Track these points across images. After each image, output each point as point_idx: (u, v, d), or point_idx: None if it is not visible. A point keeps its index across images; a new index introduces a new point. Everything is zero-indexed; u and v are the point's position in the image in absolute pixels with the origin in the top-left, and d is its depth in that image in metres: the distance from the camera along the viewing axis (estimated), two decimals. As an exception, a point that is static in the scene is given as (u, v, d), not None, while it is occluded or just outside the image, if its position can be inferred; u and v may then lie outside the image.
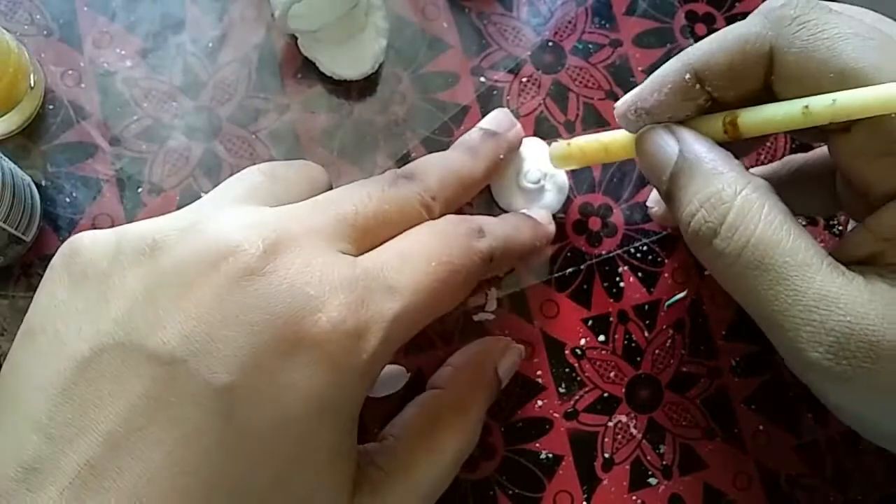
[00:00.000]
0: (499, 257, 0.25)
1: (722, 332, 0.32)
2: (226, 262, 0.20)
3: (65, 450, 0.19)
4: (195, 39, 0.32)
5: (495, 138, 0.29)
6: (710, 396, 0.32)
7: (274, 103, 0.32)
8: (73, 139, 0.31)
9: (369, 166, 0.32)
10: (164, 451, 0.18)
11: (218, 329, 0.19)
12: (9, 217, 0.27)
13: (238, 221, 0.21)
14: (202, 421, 0.19)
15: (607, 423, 0.31)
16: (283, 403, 0.19)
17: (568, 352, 0.31)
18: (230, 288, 0.19)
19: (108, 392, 0.19)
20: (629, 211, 0.33)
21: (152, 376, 0.19)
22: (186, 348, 0.19)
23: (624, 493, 0.30)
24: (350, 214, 0.22)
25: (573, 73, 0.34)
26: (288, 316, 0.19)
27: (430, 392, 0.27)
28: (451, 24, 0.34)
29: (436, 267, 0.22)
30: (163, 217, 0.22)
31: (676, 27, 0.35)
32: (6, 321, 0.29)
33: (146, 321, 0.19)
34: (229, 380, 0.19)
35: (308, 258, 0.20)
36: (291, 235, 0.21)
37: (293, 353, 0.19)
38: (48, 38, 0.32)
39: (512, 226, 0.28)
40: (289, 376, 0.19)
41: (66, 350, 0.20)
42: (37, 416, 0.19)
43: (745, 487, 0.31)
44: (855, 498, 0.31)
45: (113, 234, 0.21)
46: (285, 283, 0.20)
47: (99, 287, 0.20)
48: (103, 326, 0.19)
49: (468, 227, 0.24)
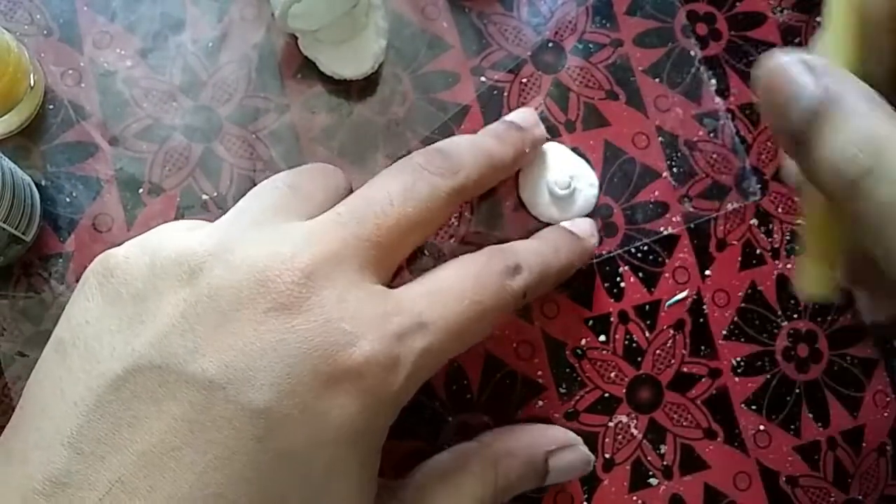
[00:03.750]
0: (533, 290, 0.26)
1: (722, 332, 0.32)
2: (262, 297, 0.20)
3: (95, 466, 0.19)
4: (195, 39, 0.32)
5: (520, 131, 0.29)
6: (711, 396, 0.32)
7: (274, 103, 0.32)
8: (73, 139, 0.31)
9: (369, 166, 0.32)
10: (197, 472, 0.19)
11: (256, 360, 0.20)
12: (9, 217, 0.27)
13: (270, 249, 0.21)
14: (236, 444, 0.19)
15: (608, 424, 0.31)
16: (315, 430, 0.20)
17: (568, 352, 0.31)
18: (268, 322, 0.20)
19: (144, 412, 0.19)
20: (629, 211, 0.33)
21: (190, 400, 0.19)
22: (225, 376, 0.19)
23: (624, 493, 0.30)
24: (373, 233, 0.23)
25: (573, 72, 0.34)
26: (324, 349, 0.20)
27: (472, 443, 0.27)
28: (451, 24, 0.34)
29: (467, 306, 0.23)
30: (194, 235, 0.22)
31: (677, 27, 0.35)
32: (6, 321, 0.29)
33: (184, 347, 0.20)
34: (265, 406, 0.19)
35: (342, 293, 0.21)
36: (323, 267, 0.21)
37: (328, 383, 0.20)
38: (48, 38, 0.32)
39: (552, 248, 0.28)
40: (322, 405, 0.20)
41: (98, 367, 0.20)
42: (67, 431, 0.19)
43: (745, 487, 0.31)
44: (855, 498, 0.31)
45: (144, 252, 0.21)
46: (321, 318, 0.20)
47: (134, 308, 0.21)
48: (138, 348, 0.20)
49: (504, 266, 0.24)
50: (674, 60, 0.35)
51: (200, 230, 0.23)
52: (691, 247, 0.33)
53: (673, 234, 0.33)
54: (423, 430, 0.30)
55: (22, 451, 0.19)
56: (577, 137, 0.33)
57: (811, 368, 0.33)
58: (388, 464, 0.29)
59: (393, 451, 0.30)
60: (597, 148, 0.33)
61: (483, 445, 0.27)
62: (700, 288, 0.33)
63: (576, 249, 0.29)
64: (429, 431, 0.30)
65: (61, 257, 0.30)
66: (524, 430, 0.28)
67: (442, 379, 0.31)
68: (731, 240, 0.33)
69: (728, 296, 0.33)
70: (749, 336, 0.32)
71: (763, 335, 0.33)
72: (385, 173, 0.25)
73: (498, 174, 0.28)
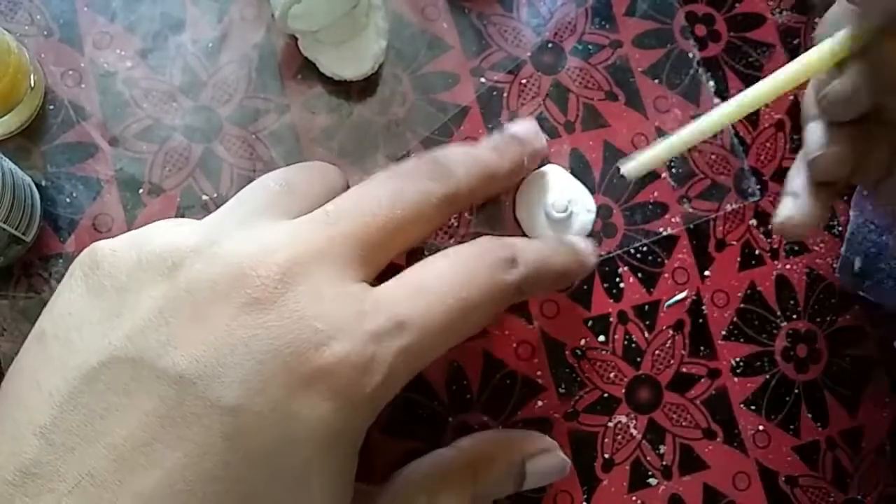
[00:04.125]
0: (529, 287, 0.25)
1: (722, 332, 0.32)
2: (237, 291, 0.20)
3: (66, 457, 0.19)
4: (195, 39, 0.32)
5: (520, 142, 0.29)
6: (710, 397, 0.32)
7: (274, 104, 0.32)
8: (73, 139, 0.31)
9: (369, 167, 0.32)
10: (166, 468, 0.19)
11: (227, 356, 0.19)
12: (9, 217, 0.27)
13: (252, 245, 0.21)
14: (206, 442, 0.19)
15: (607, 424, 0.31)
16: (285, 430, 0.19)
17: (568, 352, 0.31)
18: (240, 317, 0.20)
19: (116, 405, 0.19)
20: (629, 211, 0.33)
21: (161, 395, 0.19)
22: (196, 371, 0.19)
23: (624, 493, 0.31)
24: (361, 231, 0.22)
25: (573, 73, 0.34)
26: (295, 348, 0.20)
27: (449, 449, 0.27)
28: (451, 25, 0.34)
29: (451, 304, 0.22)
30: (182, 230, 0.22)
31: (676, 28, 0.35)
32: (6, 321, 0.29)
33: (158, 341, 0.19)
34: (235, 404, 0.19)
35: (318, 290, 0.21)
36: (303, 263, 0.21)
37: (300, 383, 0.20)
38: (48, 38, 0.32)
39: (550, 249, 0.27)
40: (293, 405, 0.20)
41: (75, 359, 0.20)
42: (40, 421, 0.19)
43: (745, 488, 0.31)
44: (854, 498, 0.31)
45: (132, 246, 0.21)
46: (294, 315, 0.20)
47: (115, 300, 0.20)
48: (114, 340, 0.20)
49: (497, 258, 0.23)
50: (673, 61, 0.35)
51: (188, 225, 0.22)
52: (690, 247, 0.33)
53: (672, 234, 0.33)
54: (422, 430, 0.30)
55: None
56: (577, 138, 0.33)
57: (810, 369, 0.33)
58: (387, 463, 0.29)
59: (392, 451, 0.30)
60: (596, 148, 0.33)
61: (461, 452, 0.26)
62: (699, 288, 0.33)
63: (575, 259, 0.28)
64: (428, 431, 0.30)
65: (61, 258, 0.30)
66: (501, 436, 0.28)
67: (442, 379, 0.31)
68: (731, 240, 0.33)
69: (727, 296, 0.33)
70: (748, 336, 0.32)
71: (762, 335, 0.33)
72: (377, 177, 0.25)
73: (494, 185, 0.27)
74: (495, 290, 0.23)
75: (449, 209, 0.25)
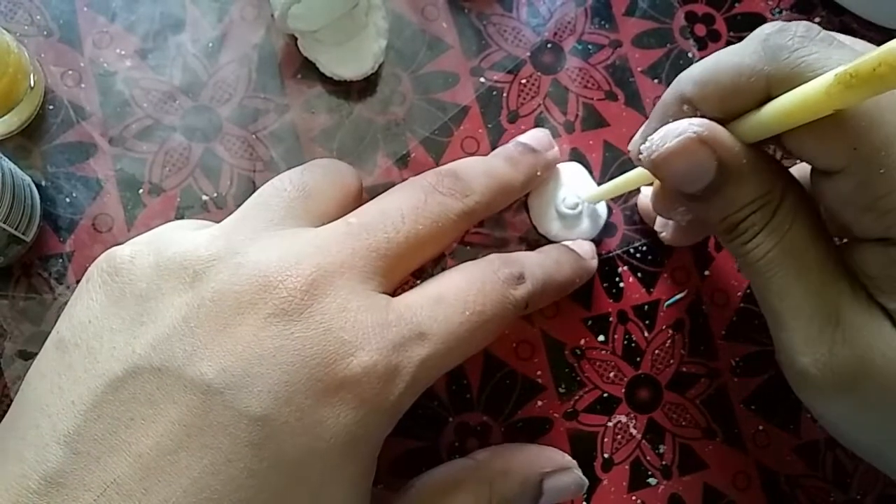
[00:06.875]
0: (535, 301, 0.26)
1: (722, 332, 0.32)
2: (263, 302, 0.20)
3: (91, 467, 0.19)
4: (195, 39, 0.32)
5: (534, 153, 0.29)
6: (710, 396, 0.32)
7: (274, 103, 0.32)
8: (73, 139, 0.31)
9: (369, 166, 0.32)
10: (193, 477, 0.19)
11: (254, 366, 0.20)
12: (9, 217, 0.27)
13: (276, 255, 0.21)
14: (232, 451, 0.19)
15: (607, 424, 0.31)
16: (311, 438, 0.20)
17: (568, 352, 0.31)
18: (268, 327, 0.20)
19: (141, 414, 0.19)
20: (629, 211, 0.33)
21: (187, 404, 0.19)
22: (223, 381, 0.19)
23: (623, 493, 0.31)
24: (383, 245, 0.23)
25: (572, 73, 0.34)
26: (322, 358, 0.20)
27: (466, 459, 0.27)
28: (450, 25, 0.34)
29: (469, 316, 0.23)
30: (201, 237, 0.22)
31: (676, 28, 0.35)
32: (6, 321, 0.29)
33: (184, 350, 0.20)
34: (262, 413, 0.19)
35: (344, 302, 0.21)
36: (328, 275, 0.21)
37: (325, 392, 0.20)
38: (48, 38, 0.32)
39: (554, 261, 0.28)
40: (319, 414, 0.20)
41: (98, 367, 0.20)
42: (63, 430, 0.19)
43: (744, 487, 0.31)
44: (855, 498, 0.31)
45: (150, 252, 0.21)
46: (321, 327, 0.20)
47: (136, 308, 0.21)
48: (138, 349, 0.20)
49: (507, 274, 0.25)
50: (672, 61, 0.35)
51: (207, 231, 0.23)
52: (690, 247, 0.33)
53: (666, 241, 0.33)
54: (422, 430, 0.30)
55: (17, 449, 0.19)
56: (577, 138, 0.33)
57: (810, 368, 0.33)
58: (386, 463, 0.29)
59: (392, 451, 0.30)
60: (596, 148, 0.33)
61: (479, 464, 0.27)
62: (699, 288, 0.33)
63: (577, 267, 0.29)
64: (429, 431, 0.30)
65: (61, 257, 0.30)
66: (520, 450, 0.28)
67: (442, 379, 0.31)
68: (730, 240, 0.33)
69: (727, 295, 0.33)
70: (748, 336, 0.32)
71: (762, 335, 0.33)
72: (397, 189, 0.25)
73: (509, 197, 0.28)
74: (507, 304, 0.24)
75: (466, 224, 0.25)
